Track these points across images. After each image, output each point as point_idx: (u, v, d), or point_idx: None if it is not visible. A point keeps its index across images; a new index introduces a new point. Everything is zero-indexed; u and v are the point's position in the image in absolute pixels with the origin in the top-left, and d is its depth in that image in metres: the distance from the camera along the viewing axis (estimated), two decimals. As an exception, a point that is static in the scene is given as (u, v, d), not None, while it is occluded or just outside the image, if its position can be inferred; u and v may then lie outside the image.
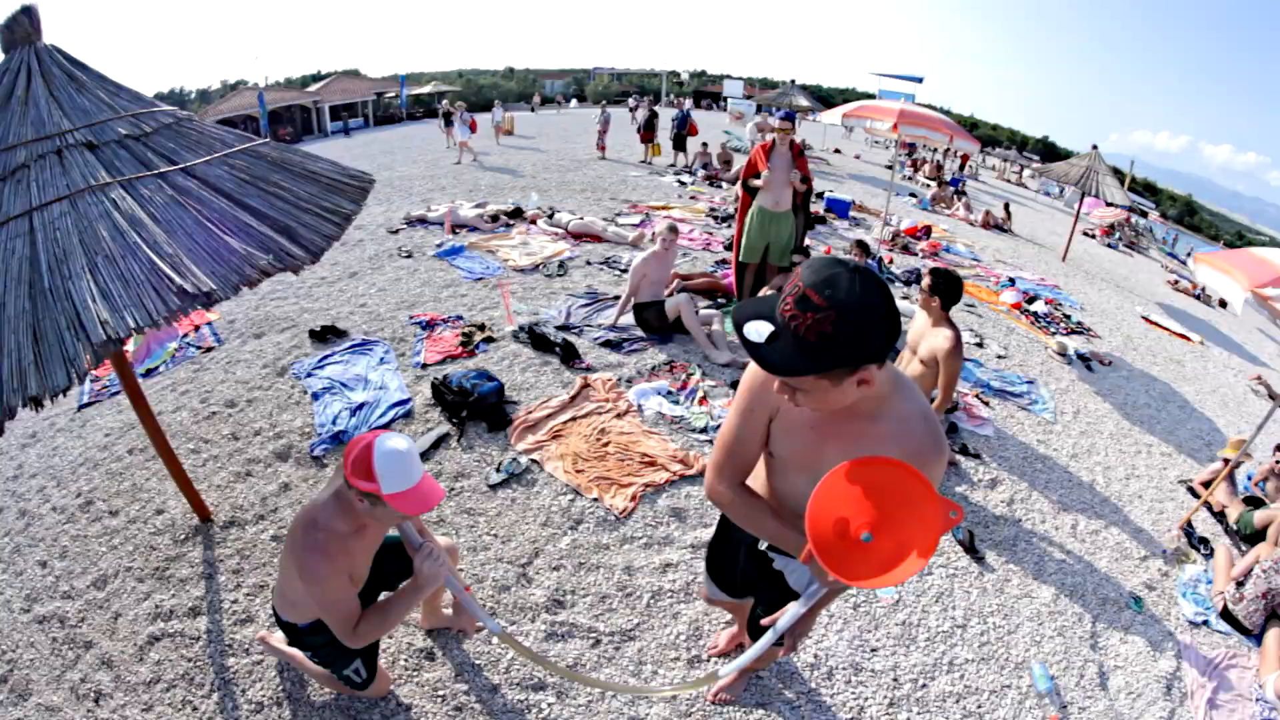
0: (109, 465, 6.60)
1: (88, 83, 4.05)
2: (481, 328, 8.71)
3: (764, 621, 2.38)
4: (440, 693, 4.13)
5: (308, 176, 4.38)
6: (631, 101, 38.54)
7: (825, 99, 41.58)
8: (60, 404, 7.95)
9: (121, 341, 3.06)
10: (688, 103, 27.53)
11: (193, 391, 7.71)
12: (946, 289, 5.78)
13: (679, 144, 23.13)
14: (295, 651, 4.05)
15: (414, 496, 2.89)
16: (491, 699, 4.10)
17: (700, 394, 7.33)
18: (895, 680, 4.45)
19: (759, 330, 1.98)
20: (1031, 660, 4.73)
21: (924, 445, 2.17)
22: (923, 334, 5.94)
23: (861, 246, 9.50)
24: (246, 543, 5.36)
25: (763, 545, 2.97)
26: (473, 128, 22.74)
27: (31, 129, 3.66)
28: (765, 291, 8.32)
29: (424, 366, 7.86)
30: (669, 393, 7.34)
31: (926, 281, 5.87)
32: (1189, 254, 30.92)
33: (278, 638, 4.28)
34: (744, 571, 3.28)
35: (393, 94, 49.23)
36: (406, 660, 4.32)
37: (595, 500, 5.73)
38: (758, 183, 8.87)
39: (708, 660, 4.44)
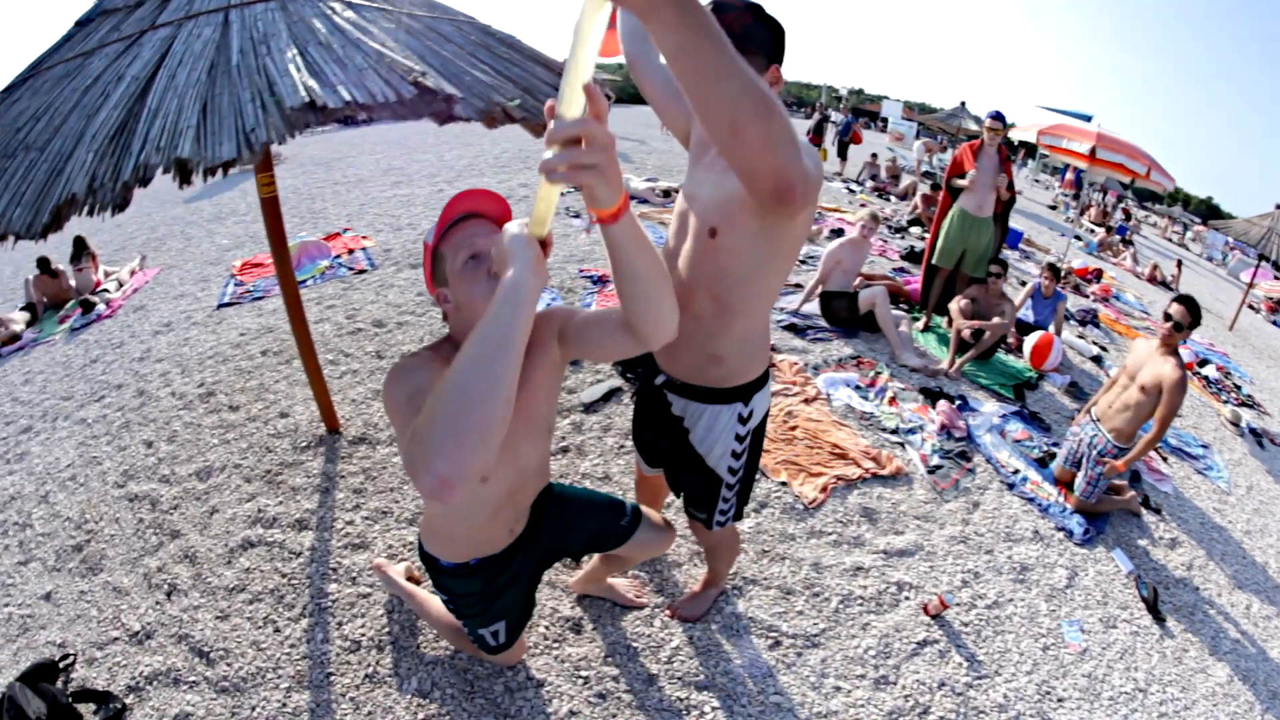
0: (238, 362, 6.17)
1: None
2: None
3: None
4: (583, 673, 3.36)
5: (539, 60, 3.75)
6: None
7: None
8: (199, 301, 7.89)
9: (321, 114, 2.41)
10: (849, 113, 26.60)
11: (339, 307, 7.32)
12: (1197, 320, 5.11)
13: (842, 151, 22.07)
14: (418, 591, 3.49)
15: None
16: (644, 691, 3.30)
17: (890, 394, 6.43)
18: (1080, 737, 3.74)
19: None
20: (1206, 742, 4.05)
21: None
22: (1145, 360, 5.21)
23: (1053, 269, 8.44)
24: (375, 463, 4.74)
25: (658, 380, 2.82)
26: None
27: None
28: (959, 302, 7.37)
29: (594, 318, 7.09)
30: (858, 387, 6.47)
31: (1179, 308, 5.10)
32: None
33: (397, 570, 3.70)
34: (654, 432, 3.01)
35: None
36: (547, 628, 3.58)
37: (783, 485, 4.94)
38: (963, 182, 7.77)
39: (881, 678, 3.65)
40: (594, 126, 1.30)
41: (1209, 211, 71.78)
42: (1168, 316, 5.10)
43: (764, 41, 2.08)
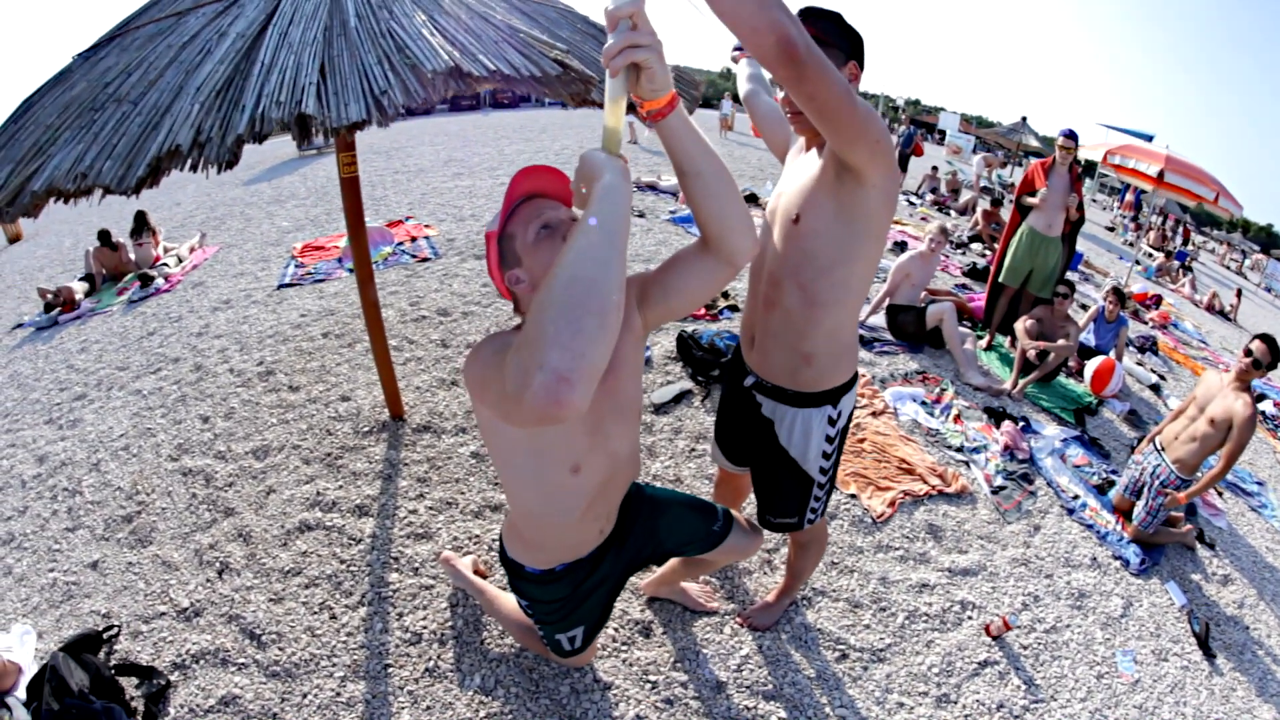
0: (299, 343, 6.15)
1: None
2: (725, 295, 7.81)
3: None
4: (651, 678, 3.28)
5: None
6: None
7: (1046, 144, 39.00)
8: (258, 280, 7.93)
9: (464, 82, 2.37)
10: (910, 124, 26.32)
11: (402, 294, 7.32)
12: (1276, 360, 5.09)
13: (902, 163, 21.59)
14: (487, 586, 3.43)
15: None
16: (713, 698, 3.23)
17: (955, 411, 6.38)
18: (1132, 768, 3.69)
19: None
20: (1249, 784, 3.96)
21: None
22: (1216, 393, 5.12)
23: (1117, 293, 8.28)
24: (441, 452, 4.69)
25: (748, 382, 2.85)
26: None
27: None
28: (1025, 322, 7.29)
29: (663, 321, 7.12)
30: (924, 403, 6.42)
31: (1262, 346, 5.06)
32: None
33: (464, 563, 3.63)
34: (742, 433, 3.05)
35: (613, 78, 50.78)
36: (617, 630, 3.51)
37: (852, 497, 4.89)
38: (1033, 200, 7.66)
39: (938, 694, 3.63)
40: (643, 10, 1.49)
41: (1269, 239, 69.50)
42: (1249, 352, 5.04)
43: (843, 40, 2.31)
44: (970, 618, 4.04)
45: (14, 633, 3.34)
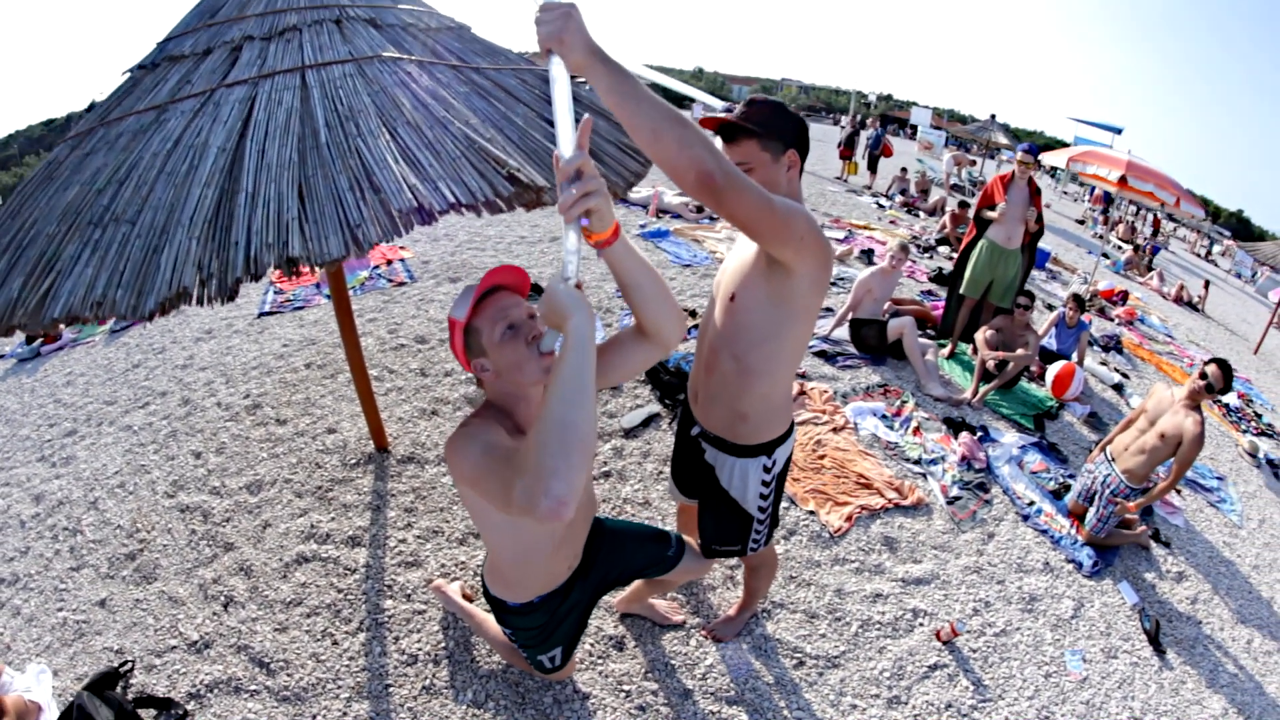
0: (283, 374, 6.34)
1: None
2: (693, 314, 8.05)
3: None
4: (625, 687, 3.62)
5: (599, 111, 3.77)
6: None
7: (1016, 138, 39.09)
8: (239, 308, 7.98)
9: (426, 217, 2.50)
10: (879, 125, 26.31)
11: (380, 321, 7.46)
12: (1228, 387, 5.41)
13: (872, 165, 22.00)
14: (475, 610, 3.74)
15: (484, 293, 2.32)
16: (681, 704, 3.57)
17: (914, 424, 6.64)
18: (1076, 763, 3.96)
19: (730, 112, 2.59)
20: (1198, 771, 4.22)
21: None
22: (1166, 408, 5.43)
23: (1077, 300, 8.61)
24: (425, 482, 4.96)
25: (694, 431, 3.15)
26: None
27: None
28: (985, 332, 7.69)
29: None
30: (884, 416, 6.70)
31: (1216, 371, 5.36)
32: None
33: (453, 588, 3.94)
34: (690, 473, 3.34)
35: (582, 80, 49.53)
36: (593, 645, 3.83)
37: (811, 513, 5.17)
38: (992, 214, 8.03)
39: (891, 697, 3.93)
40: (588, 158, 1.75)
41: (1239, 225, 69.93)
42: (1203, 375, 5.33)
43: (784, 130, 2.55)
44: (921, 624, 4.36)
45: (30, 672, 3.52)
